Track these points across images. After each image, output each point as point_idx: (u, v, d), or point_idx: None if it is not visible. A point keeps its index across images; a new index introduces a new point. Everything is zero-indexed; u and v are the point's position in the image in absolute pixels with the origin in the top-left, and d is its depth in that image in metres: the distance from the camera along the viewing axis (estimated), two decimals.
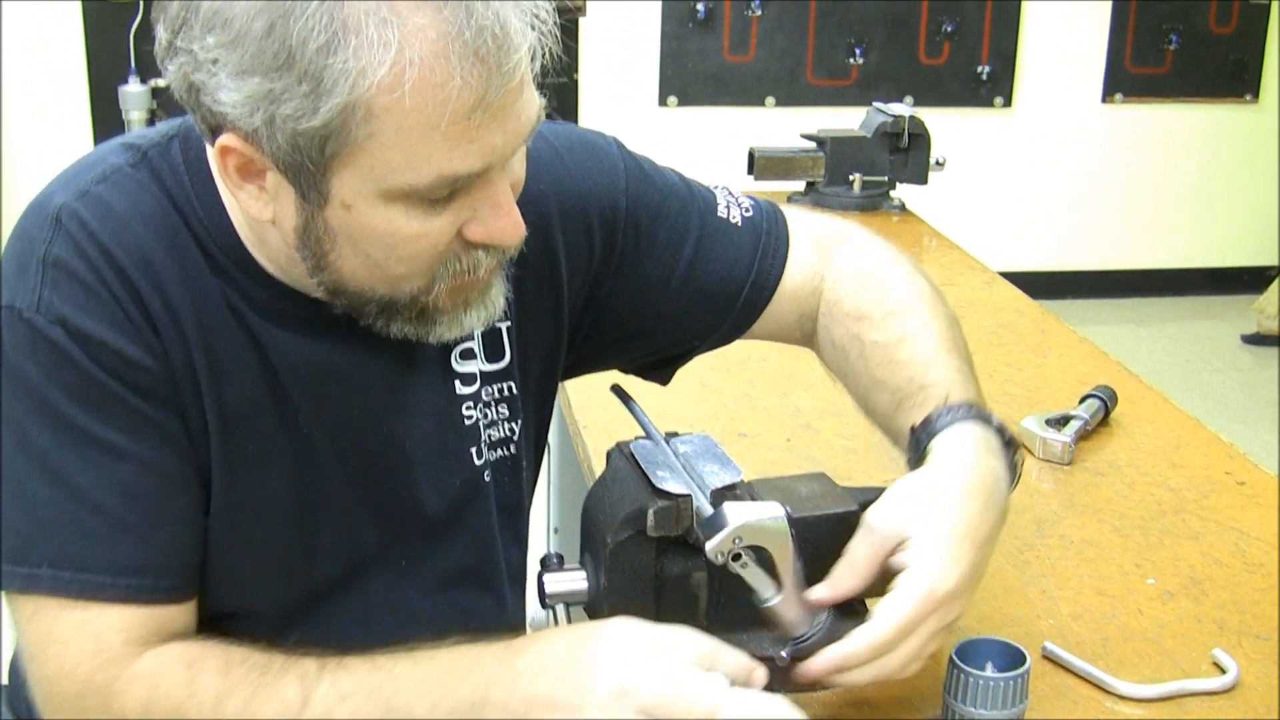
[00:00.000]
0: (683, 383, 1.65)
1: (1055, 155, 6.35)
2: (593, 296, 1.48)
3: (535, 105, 1.16)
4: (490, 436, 1.43)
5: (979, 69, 6.12)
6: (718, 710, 1.11)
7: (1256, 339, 5.97)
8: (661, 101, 5.93)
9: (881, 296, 1.51)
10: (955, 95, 6.12)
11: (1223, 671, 1.41)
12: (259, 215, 1.18)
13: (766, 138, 3.63)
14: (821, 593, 1.27)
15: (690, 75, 5.91)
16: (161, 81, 1.17)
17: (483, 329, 1.32)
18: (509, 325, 1.43)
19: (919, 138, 3.32)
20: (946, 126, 4.07)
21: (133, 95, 5.39)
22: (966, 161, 5.64)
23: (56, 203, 1.21)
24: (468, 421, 1.40)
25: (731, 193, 1.56)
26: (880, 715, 1.36)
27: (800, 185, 3.37)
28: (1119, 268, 6.57)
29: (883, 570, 1.27)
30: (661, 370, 1.62)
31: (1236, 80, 6.39)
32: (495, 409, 1.43)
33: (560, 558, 1.34)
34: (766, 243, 1.53)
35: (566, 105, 5.76)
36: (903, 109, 3.35)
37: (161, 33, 1.13)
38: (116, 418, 1.18)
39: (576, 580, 1.32)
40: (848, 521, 1.33)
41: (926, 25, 6.01)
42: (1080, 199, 6.43)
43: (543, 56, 1.13)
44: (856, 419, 1.55)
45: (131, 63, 5.37)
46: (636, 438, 1.35)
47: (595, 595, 1.31)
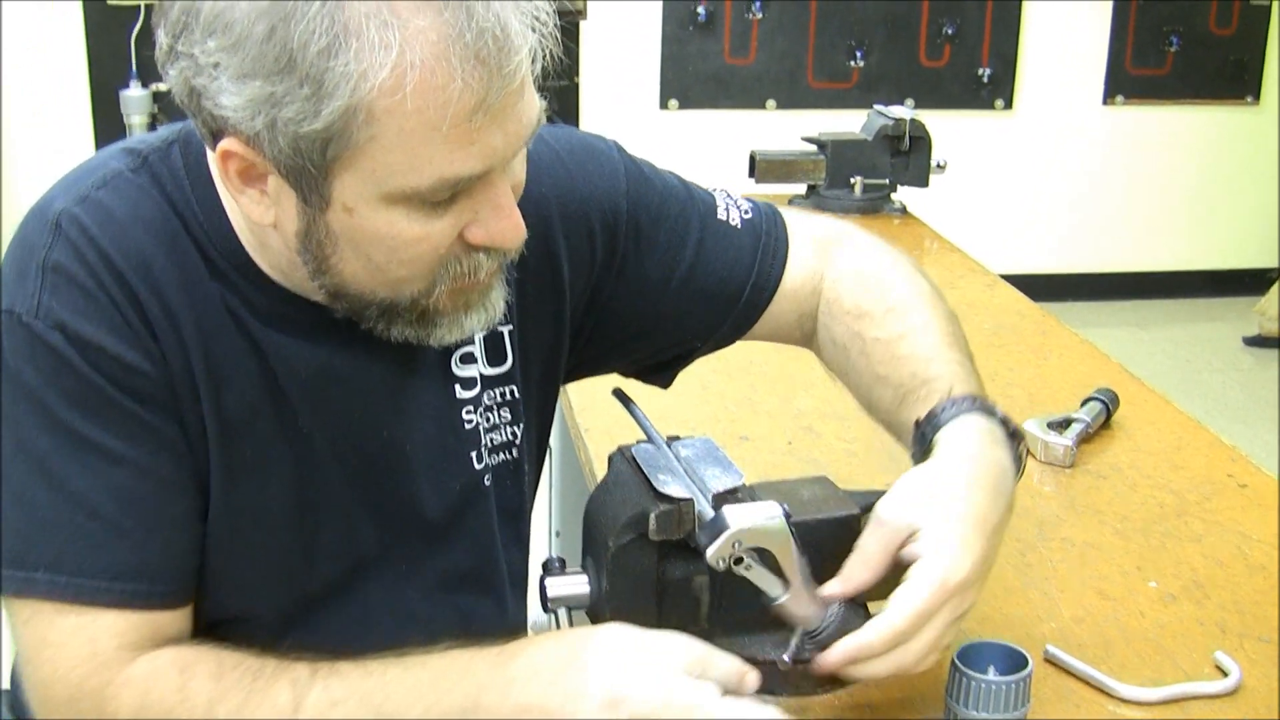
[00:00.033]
0: (684, 386, 1.65)
1: (1056, 157, 6.35)
2: (594, 299, 1.48)
3: (536, 107, 1.16)
4: (492, 440, 1.43)
5: (979, 71, 6.12)
6: (710, 718, 1.12)
7: (1258, 341, 5.97)
8: (662, 104, 5.93)
9: (882, 294, 1.52)
10: (956, 97, 6.12)
11: (1225, 674, 1.41)
12: (260, 219, 1.18)
13: (767, 140, 3.63)
14: (834, 588, 1.27)
15: (691, 78, 5.91)
16: (163, 86, 1.16)
17: (483, 331, 1.32)
18: (511, 329, 1.42)
19: (920, 140, 3.32)
20: (947, 129, 4.07)
21: (134, 99, 5.39)
22: (967, 164, 5.64)
23: (57, 208, 1.21)
24: (468, 425, 1.40)
25: (730, 195, 1.57)
26: (882, 718, 1.35)
27: (801, 188, 3.38)
28: (1120, 270, 6.57)
29: (894, 564, 1.27)
30: (662, 373, 1.62)
31: (1237, 82, 6.39)
32: (497, 413, 1.43)
33: (562, 562, 1.34)
34: (766, 244, 1.54)
35: (567, 108, 5.76)
36: (904, 112, 3.36)
37: (162, 37, 1.13)
38: (114, 423, 1.18)
39: (578, 584, 1.32)
40: (849, 525, 1.33)
41: (927, 27, 6.01)
42: (1081, 201, 6.43)
43: (543, 58, 1.13)
44: (858, 422, 1.55)
45: (133, 67, 5.37)
46: (638, 441, 1.35)
47: (597, 599, 1.31)
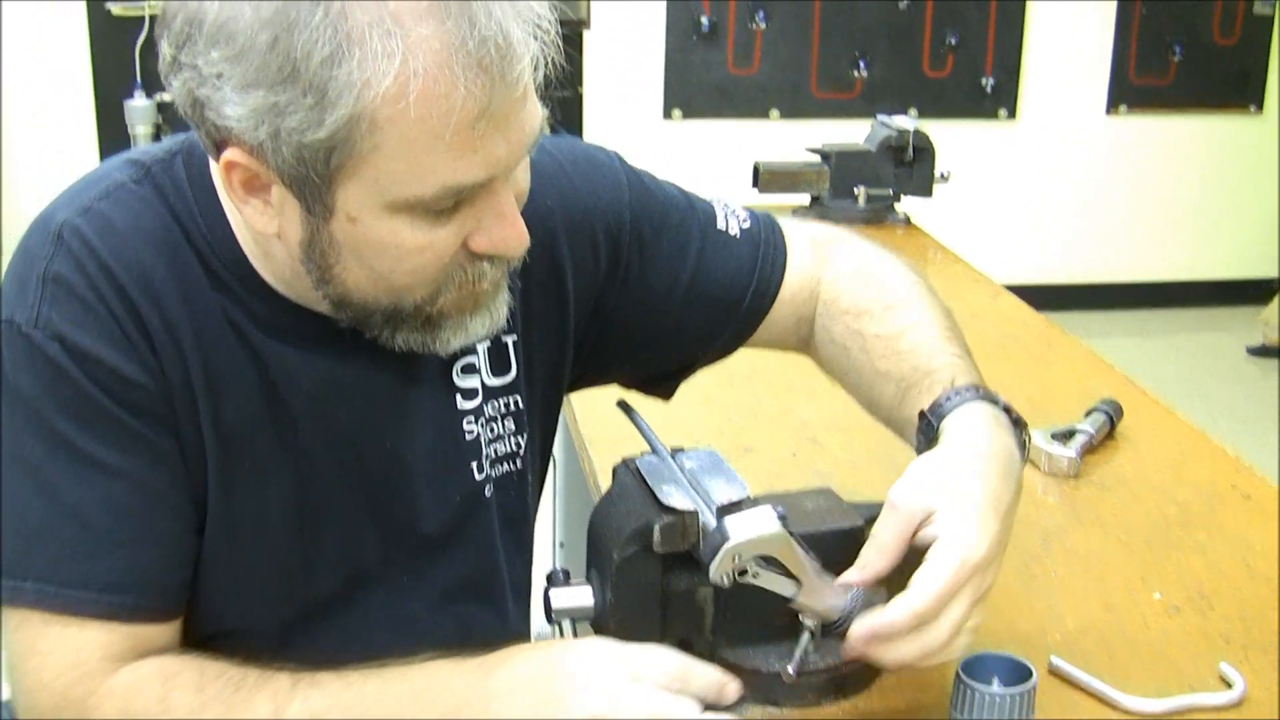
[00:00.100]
0: (688, 397, 1.65)
1: (1059, 166, 6.35)
2: (598, 309, 1.49)
3: (538, 115, 1.16)
4: (496, 451, 1.43)
5: (983, 81, 6.12)
6: None
7: (1262, 351, 5.96)
8: (666, 114, 5.94)
9: (880, 292, 1.53)
10: (959, 107, 6.12)
11: (1229, 686, 1.41)
12: (264, 229, 1.18)
13: (770, 150, 3.64)
14: (850, 576, 1.28)
15: (694, 88, 5.92)
16: (167, 96, 1.17)
17: (487, 337, 1.32)
18: (515, 339, 1.43)
19: (923, 151, 3.32)
20: (950, 138, 4.07)
21: (138, 110, 5.39)
22: (971, 173, 5.65)
23: (59, 219, 1.21)
24: (469, 436, 1.39)
25: (728, 205, 1.57)
26: None
27: (805, 198, 3.38)
28: (1124, 280, 6.57)
29: (909, 550, 1.27)
30: (663, 385, 1.62)
31: (1240, 91, 6.39)
32: (502, 423, 1.43)
33: (566, 573, 1.34)
34: (765, 252, 1.54)
35: (571, 118, 5.76)
36: (907, 122, 3.36)
37: (166, 48, 1.13)
38: (110, 435, 1.19)
39: (583, 596, 1.32)
40: (854, 537, 1.33)
41: (930, 37, 6.02)
42: (1085, 210, 6.43)
43: (545, 67, 1.13)
44: (862, 433, 1.54)
45: (137, 77, 5.38)
46: (642, 453, 1.35)
47: (601, 611, 1.31)
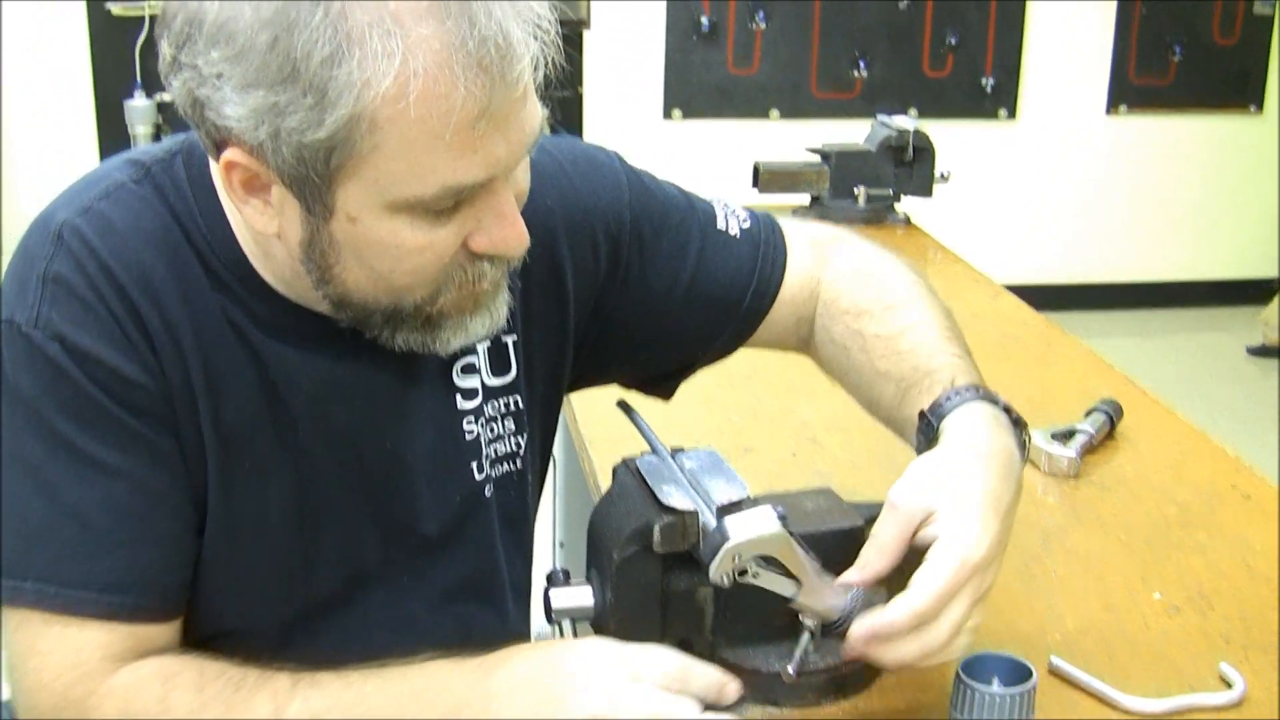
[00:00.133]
0: (688, 397, 1.65)
1: (1060, 166, 6.35)
2: (598, 309, 1.49)
3: (538, 115, 1.16)
4: (496, 451, 1.43)
5: (983, 80, 6.12)
6: None
7: (1262, 351, 5.96)
8: (666, 114, 5.93)
9: (880, 292, 1.53)
10: (959, 107, 6.12)
11: (1229, 686, 1.41)
12: (264, 229, 1.18)
13: (770, 150, 3.64)
14: (851, 576, 1.28)
15: (694, 88, 5.92)
16: (167, 96, 1.17)
17: (487, 337, 1.32)
18: (515, 339, 1.43)
19: (923, 151, 3.32)
20: (950, 138, 4.07)
21: (138, 110, 5.39)
22: (971, 173, 5.64)
23: (59, 219, 1.21)
24: (468, 436, 1.39)
25: (728, 205, 1.57)
26: None
27: (805, 198, 3.38)
28: (1124, 279, 6.57)
29: (909, 550, 1.27)
30: (663, 386, 1.62)
31: (1240, 91, 6.39)
32: (502, 423, 1.43)
33: (566, 573, 1.34)
34: (765, 252, 1.55)
35: (571, 118, 5.76)
36: (907, 122, 3.36)
37: (166, 48, 1.13)
38: (109, 435, 1.19)
39: (583, 596, 1.32)
40: (854, 537, 1.33)
41: (930, 37, 6.02)
42: (1085, 210, 6.43)
43: (545, 67, 1.13)
44: (862, 433, 1.54)
45: (137, 77, 5.38)
46: (642, 453, 1.35)
47: (601, 611, 1.31)
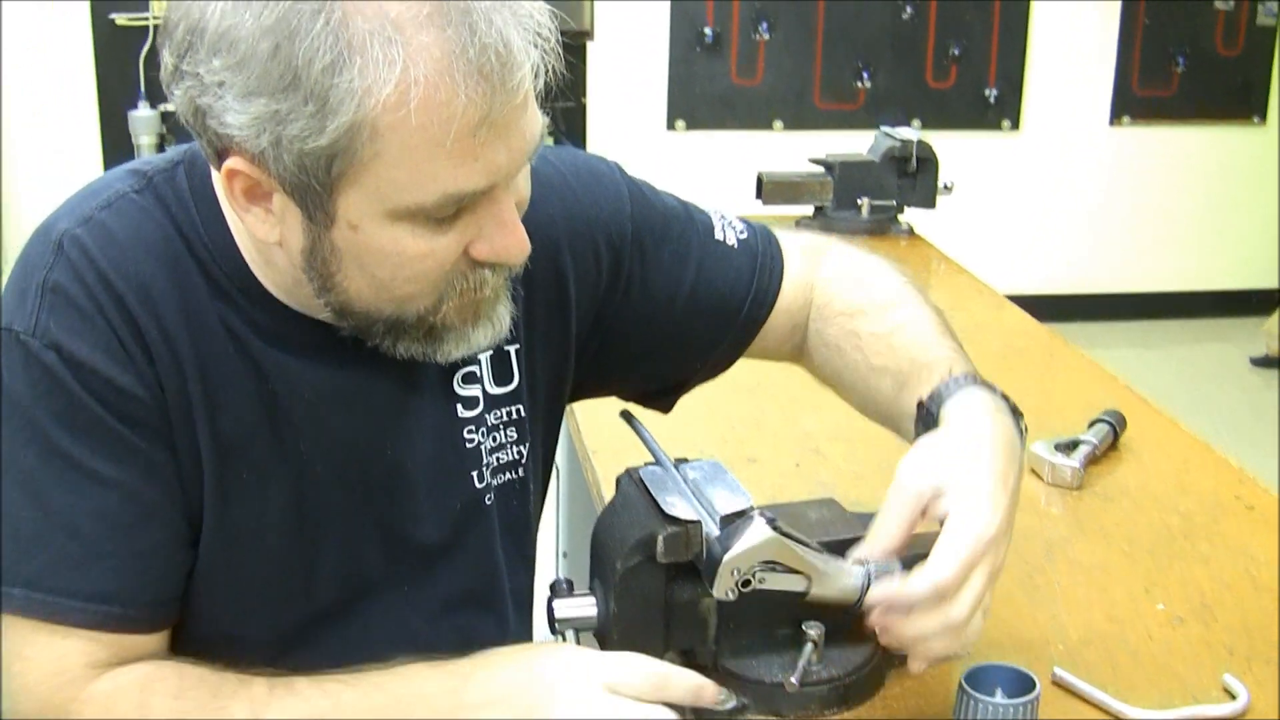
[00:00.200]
0: (691, 408, 1.65)
1: (1063, 177, 6.35)
2: (599, 319, 1.49)
3: (539, 123, 1.16)
4: (498, 460, 1.42)
5: (986, 91, 6.13)
6: None
7: (1265, 361, 5.96)
8: (669, 125, 5.94)
9: (871, 293, 1.55)
10: (963, 118, 6.13)
11: (1233, 697, 1.40)
12: (265, 237, 1.18)
13: (774, 161, 3.63)
14: (861, 551, 1.29)
15: (698, 99, 5.93)
16: (171, 106, 1.17)
17: (490, 346, 1.32)
18: (518, 348, 1.42)
19: (927, 162, 3.32)
20: (954, 149, 4.08)
21: (142, 120, 5.41)
22: (974, 184, 5.65)
23: (60, 228, 1.21)
24: (469, 445, 1.39)
25: (724, 216, 1.58)
26: None
27: (808, 209, 3.38)
28: (1127, 290, 6.57)
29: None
30: (662, 399, 1.62)
31: (1243, 102, 6.40)
32: (504, 432, 1.43)
33: (570, 583, 1.34)
34: (763, 262, 1.55)
35: (574, 129, 5.77)
36: (911, 133, 3.37)
37: (167, 57, 1.13)
38: (103, 445, 1.19)
39: (586, 606, 1.32)
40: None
41: (934, 48, 6.02)
42: (1088, 221, 6.43)
43: (546, 75, 1.13)
44: (865, 443, 1.54)
45: (141, 87, 5.39)
46: (646, 463, 1.35)
47: (605, 621, 1.31)
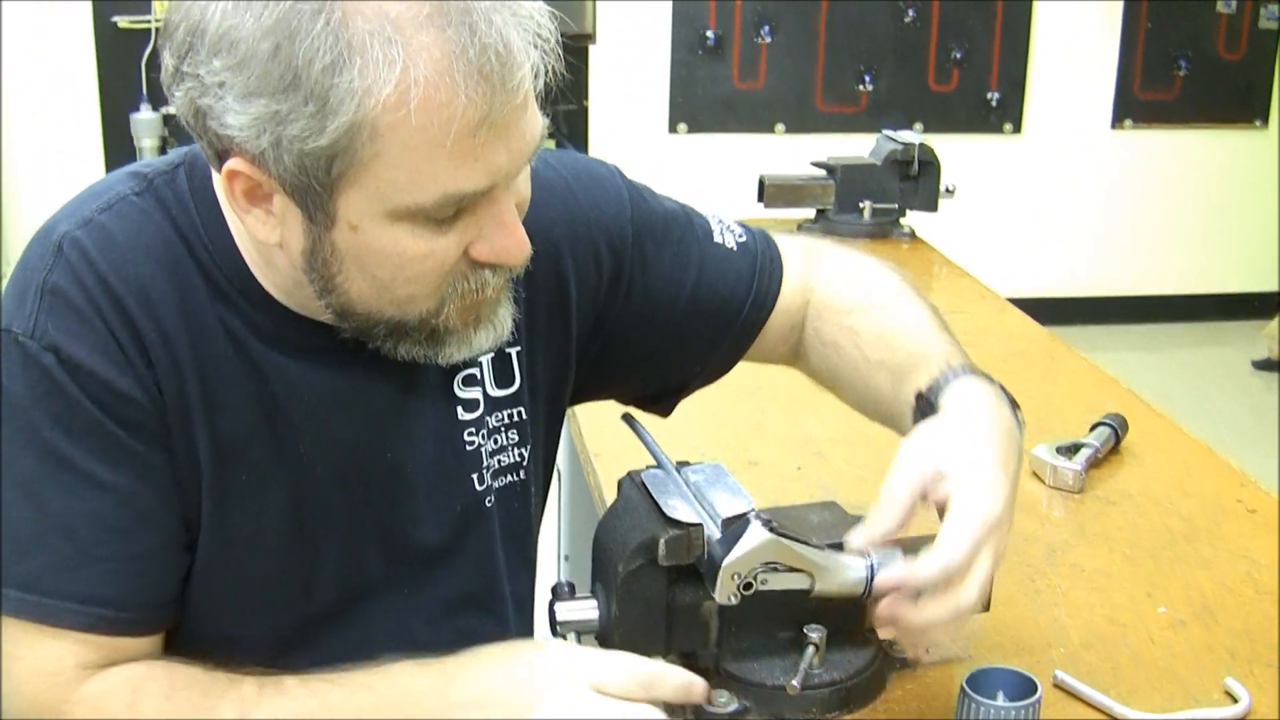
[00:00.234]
0: (693, 411, 1.65)
1: (1065, 181, 6.35)
2: (600, 322, 1.49)
3: (539, 124, 1.16)
4: (499, 462, 1.42)
5: (988, 95, 6.13)
6: None
7: (1266, 364, 5.96)
8: (671, 128, 5.94)
9: (868, 292, 1.56)
10: (965, 121, 6.13)
11: (1235, 701, 1.40)
12: (266, 239, 1.18)
13: (776, 164, 3.63)
14: (859, 537, 1.29)
15: (700, 102, 5.93)
16: (173, 109, 1.17)
17: (491, 349, 1.32)
18: (519, 350, 1.43)
19: (929, 165, 3.33)
20: (956, 152, 4.08)
21: (144, 123, 5.41)
22: (976, 187, 5.65)
23: (60, 231, 1.22)
24: (469, 447, 1.39)
25: (722, 220, 1.59)
26: None
27: (810, 212, 3.38)
28: (1128, 293, 6.57)
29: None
30: (662, 402, 1.62)
31: (1246, 105, 6.40)
32: (505, 434, 1.43)
33: (571, 586, 1.34)
34: (762, 265, 1.56)
35: (577, 131, 5.77)
36: (913, 137, 3.37)
37: (168, 59, 1.13)
38: (100, 449, 1.19)
39: (588, 609, 1.32)
40: None
41: (936, 51, 6.02)
42: (1090, 224, 6.43)
43: (546, 76, 1.13)
44: (866, 446, 1.54)
45: (143, 90, 5.40)
46: (647, 466, 1.35)
47: (606, 624, 1.31)
